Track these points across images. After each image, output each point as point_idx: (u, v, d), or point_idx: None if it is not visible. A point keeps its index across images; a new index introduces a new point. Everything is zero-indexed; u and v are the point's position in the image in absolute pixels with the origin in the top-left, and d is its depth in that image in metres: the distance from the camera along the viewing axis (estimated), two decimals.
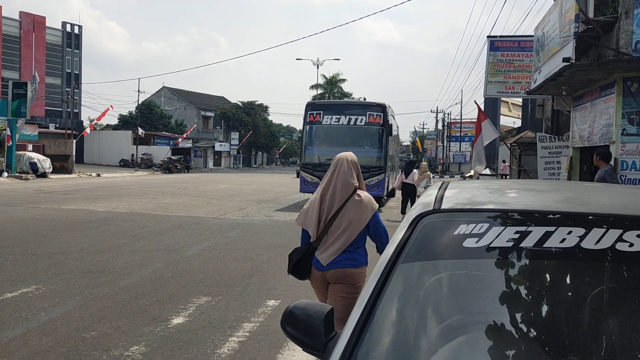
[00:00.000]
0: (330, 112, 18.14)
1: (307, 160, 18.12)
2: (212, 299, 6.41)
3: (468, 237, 1.92)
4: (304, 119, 18.52)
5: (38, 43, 55.21)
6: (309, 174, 17.82)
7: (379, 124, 17.75)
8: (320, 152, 18.13)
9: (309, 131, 18.38)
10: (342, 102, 20.14)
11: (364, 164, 15.37)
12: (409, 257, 1.94)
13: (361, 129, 18.00)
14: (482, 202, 2.18)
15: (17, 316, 5.60)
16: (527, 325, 1.75)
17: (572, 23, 9.38)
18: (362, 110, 18.06)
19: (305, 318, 1.92)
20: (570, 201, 2.15)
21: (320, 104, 18.57)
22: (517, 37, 17.00)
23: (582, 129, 11.52)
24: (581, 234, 1.83)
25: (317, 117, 18.09)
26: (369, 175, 16.78)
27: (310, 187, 17.34)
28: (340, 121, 17.88)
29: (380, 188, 17.46)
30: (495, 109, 38.14)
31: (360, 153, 15.75)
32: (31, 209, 15.08)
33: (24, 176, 30.13)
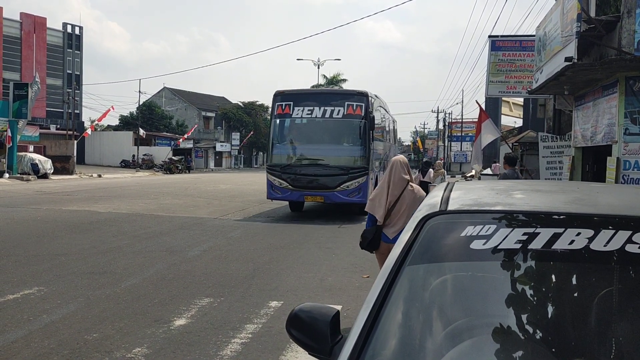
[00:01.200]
0: (302, 102, 15.30)
1: (275, 161, 15.40)
2: (214, 300, 6.39)
3: (475, 238, 1.90)
4: (271, 112, 15.99)
5: (39, 44, 55.22)
6: (276, 177, 15.03)
7: (359, 117, 14.91)
8: (290, 150, 15.58)
9: (277, 126, 15.63)
10: (317, 91, 16.80)
11: (342, 165, 14.61)
12: (416, 259, 1.92)
13: (339, 123, 15.22)
14: (489, 204, 2.16)
15: (19, 318, 5.58)
16: (536, 328, 1.73)
17: (574, 22, 9.35)
18: (339, 100, 15.21)
19: (311, 321, 1.89)
20: (578, 202, 2.12)
21: (291, 93, 15.57)
22: (519, 37, 16.98)
23: (585, 129, 11.49)
24: (590, 236, 1.81)
25: (286, 109, 15.28)
26: (347, 179, 14.48)
27: (279, 193, 15.02)
28: (314, 113, 15.10)
29: (361, 193, 14.52)
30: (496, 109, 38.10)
31: (338, 152, 14.96)
32: (32, 210, 15.07)
33: (25, 177, 30.12)
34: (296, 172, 14.71)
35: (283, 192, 14.82)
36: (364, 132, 14.83)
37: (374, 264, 8.72)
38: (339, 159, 14.75)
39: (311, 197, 14.69)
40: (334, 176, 14.47)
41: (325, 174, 14.51)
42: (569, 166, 12.75)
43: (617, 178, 9.31)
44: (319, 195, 14.58)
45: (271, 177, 15.17)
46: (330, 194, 14.44)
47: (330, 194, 14.45)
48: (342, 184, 14.36)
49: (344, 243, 10.79)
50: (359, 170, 14.63)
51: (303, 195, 14.63)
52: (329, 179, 14.48)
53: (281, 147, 15.57)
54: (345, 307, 6.14)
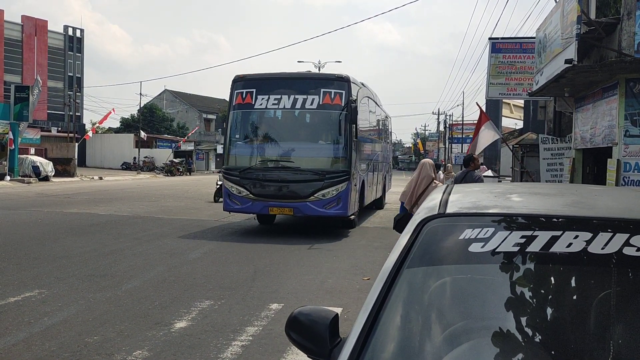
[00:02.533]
0: (268, 90, 12.39)
1: (233, 163, 12.49)
2: (215, 303, 6.39)
3: (473, 241, 1.90)
4: (229, 102, 12.84)
5: (40, 47, 55.28)
6: (234, 183, 12.13)
7: (339, 107, 12.02)
8: (251, 150, 12.66)
9: (235, 119, 12.72)
10: (285, 75, 13.19)
11: (317, 168, 11.91)
12: (414, 262, 1.93)
13: (313, 115, 12.48)
14: (487, 206, 2.16)
15: (19, 321, 5.59)
16: (535, 331, 1.74)
17: (574, 24, 9.36)
18: (314, 86, 12.27)
19: (310, 324, 1.90)
20: (576, 205, 2.13)
21: (253, 78, 12.66)
22: (519, 39, 16.98)
23: (584, 131, 11.50)
24: (588, 239, 1.81)
25: (247, 97, 12.39)
26: (323, 185, 11.70)
27: (238, 203, 12.12)
28: (282, 103, 12.25)
29: (341, 204, 11.83)
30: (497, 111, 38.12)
31: (311, 151, 12.29)
32: (34, 213, 15.09)
33: (26, 180, 30.16)
34: (259, 178, 12.04)
35: (243, 202, 12.03)
36: (345, 127, 12.01)
37: (375, 266, 8.74)
38: (313, 160, 12.12)
39: (277, 209, 12.04)
40: (306, 182, 11.76)
41: (295, 180, 11.81)
42: (569, 168, 12.75)
43: (618, 180, 9.32)
44: (287, 206, 11.92)
45: (228, 183, 12.34)
46: (302, 204, 11.78)
47: (301, 204, 11.78)
48: (317, 192, 11.68)
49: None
50: (338, 174, 11.84)
51: (267, 206, 11.91)
52: (299, 185, 11.78)
53: (240, 145, 12.78)
54: (345, 310, 6.15)
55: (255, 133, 12.79)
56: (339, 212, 11.91)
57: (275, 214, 12.85)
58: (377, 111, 17.48)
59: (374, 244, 11.20)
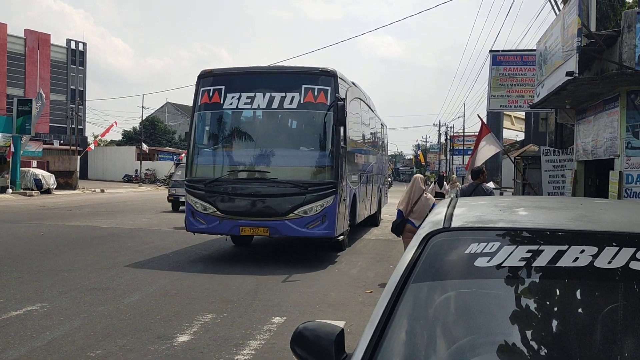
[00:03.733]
0: (239, 87, 10.52)
1: (198, 174, 10.56)
2: (217, 316, 6.37)
3: (479, 256, 1.90)
4: (194, 101, 10.88)
5: (43, 60, 55.56)
6: (199, 198, 10.26)
7: (323, 106, 10.15)
8: (219, 158, 10.76)
9: (201, 122, 10.89)
10: (260, 69, 11.18)
11: (297, 179, 9.98)
12: (420, 277, 1.92)
13: (293, 116, 10.70)
14: (493, 220, 2.16)
15: (22, 335, 5.57)
16: (541, 346, 1.73)
17: (574, 37, 9.40)
18: (293, 81, 10.42)
19: (315, 339, 1.89)
20: (582, 219, 2.13)
21: (222, 73, 10.90)
22: (520, 52, 17.04)
23: (586, 142, 11.51)
24: (594, 253, 1.81)
25: (215, 96, 10.54)
26: (305, 200, 9.80)
27: (203, 222, 10.20)
28: (256, 102, 10.36)
29: (326, 223, 9.87)
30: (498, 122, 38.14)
31: (291, 159, 10.44)
32: (35, 226, 15.09)
33: (28, 192, 30.19)
34: (227, 191, 10.13)
35: (209, 221, 10.12)
36: (331, 130, 10.09)
37: (377, 279, 8.72)
38: (293, 170, 10.23)
39: (250, 229, 9.99)
40: (284, 196, 9.88)
41: (272, 193, 9.95)
42: (571, 180, 12.74)
43: (620, 192, 9.31)
44: (261, 225, 9.88)
45: (191, 198, 10.39)
46: (279, 223, 9.79)
47: (278, 223, 9.79)
48: (297, 209, 9.76)
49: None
50: (323, 187, 9.92)
51: (237, 226, 9.96)
52: (276, 200, 9.88)
53: (206, 153, 10.88)
54: (348, 323, 6.12)
55: (224, 138, 10.88)
56: (324, 233, 9.95)
57: (248, 235, 10.67)
58: (370, 116, 15.49)
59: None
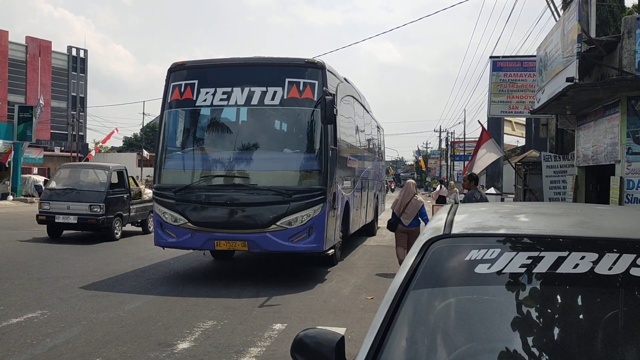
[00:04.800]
0: (214, 80, 9.31)
1: (166, 180, 9.28)
2: (218, 323, 6.35)
3: (480, 262, 1.90)
4: (163, 98, 9.59)
5: (44, 67, 55.71)
6: (168, 207, 8.93)
7: (310, 102, 8.92)
8: (191, 162, 9.58)
9: (171, 121, 9.63)
10: (237, 61, 9.71)
11: (280, 185, 8.74)
12: (420, 284, 1.92)
13: (275, 114, 9.63)
14: (493, 227, 2.16)
15: (22, 342, 5.56)
16: (542, 353, 1.72)
17: (574, 43, 9.41)
18: (276, 74, 9.21)
19: (316, 346, 1.89)
20: (582, 225, 2.13)
21: (195, 66, 9.66)
22: (520, 57, 17.06)
23: (587, 148, 11.51)
24: (594, 259, 1.81)
25: (187, 91, 9.28)
26: (289, 209, 8.52)
27: (173, 235, 8.87)
28: (233, 98, 9.10)
29: (313, 235, 8.63)
30: (499, 128, 38.19)
31: (273, 163, 9.20)
32: (36, 233, 15.08)
33: (29, 199, 30.20)
34: (200, 200, 8.84)
35: (179, 233, 8.82)
36: (319, 129, 8.86)
37: (378, 286, 8.70)
38: (275, 175, 9.01)
39: (226, 243, 8.68)
40: (265, 205, 8.62)
41: (251, 202, 8.71)
42: (572, 186, 12.74)
43: (621, 197, 9.30)
44: (239, 239, 8.61)
45: (160, 208, 9.05)
46: (259, 236, 8.51)
47: (258, 236, 8.51)
48: (280, 219, 8.51)
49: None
50: (310, 194, 8.64)
51: (212, 239, 8.66)
52: (256, 209, 8.64)
53: (177, 156, 9.68)
54: (349, 330, 6.11)
55: (197, 139, 9.71)
56: (311, 247, 8.70)
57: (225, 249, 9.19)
58: (365, 117, 14.22)
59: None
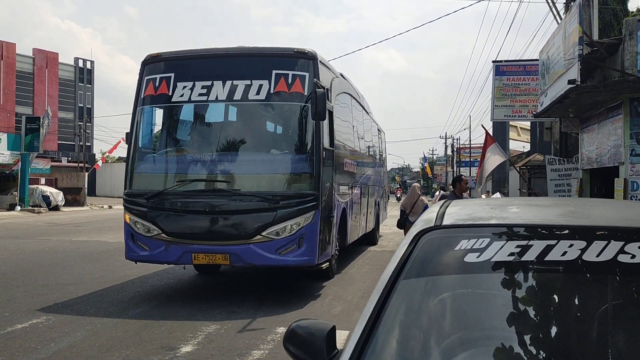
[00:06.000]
0: (192, 73, 8.31)
1: (139, 186, 8.49)
2: (221, 327, 6.37)
3: (469, 252, 1.92)
4: (136, 94, 8.63)
5: (51, 79, 56.20)
6: (140, 216, 8.10)
7: (300, 97, 7.99)
8: (166, 165, 8.72)
9: (144, 119, 8.65)
10: (218, 51, 8.64)
11: (267, 191, 7.80)
12: (410, 274, 1.94)
13: (260, 110, 8.51)
14: (484, 218, 2.18)
15: (26, 347, 5.60)
16: (531, 340, 1.74)
17: (576, 45, 9.43)
18: (261, 66, 8.22)
19: (308, 337, 1.92)
20: (571, 215, 2.15)
21: (171, 57, 8.62)
22: (523, 61, 17.09)
23: (590, 151, 11.50)
24: (582, 247, 1.82)
25: (162, 86, 8.31)
26: (275, 218, 7.54)
27: (146, 247, 8.01)
28: (214, 93, 8.12)
29: (304, 247, 7.66)
30: (504, 133, 38.11)
31: (258, 165, 8.16)
32: (43, 241, 15.17)
33: (36, 209, 30.37)
34: (176, 207, 7.92)
35: (153, 246, 7.91)
36: (311, 127, 7.89)
37: None
38: (260, 179, 8.07)
39: (205, 257, 7.69)
40: (249, 213, 7.69)
41: (233, 209, 7.77)
42: (577, 188, 12.71)
43: (625, 199, 9.28)
44: (219, 251, 7.62)
45: (131, 217, 8.21)
46: (242, 248, 7.56)
47: (241, 248, 7.56)
48: (266, 228, 7.57)
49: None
50: (300, 200, 7.68)
51: (189, 252, 7.69)
52: (239, 218, 7.72)
53: (150, 158, 8.80)
54: None
55: (172, 139, 8.75)
56: (302, 260, 7.73)
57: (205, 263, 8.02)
58: (364, 119, 13.26)
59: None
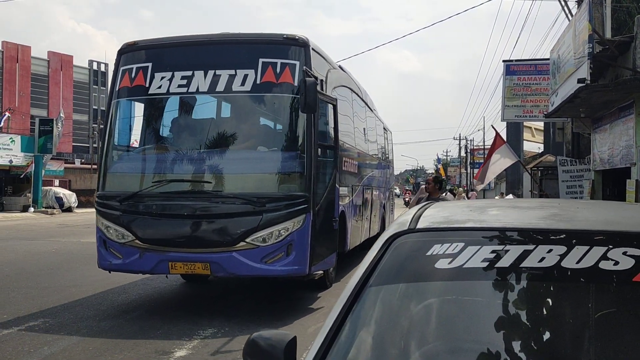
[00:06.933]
0: (172, 63, 7.54)
1: (112, 187, 7.61)
2: (218, 331, 6.27)
3: (441, 257, 1.79)
4: (111, 86, 8.07)
5: (65, 81, 56.74)
6: (112, 220, 7.26)
7: (289, 88, 7.25)
8: (142, 164, 8.06)
9: (118, 113, 7.89)
10: (200, 39, 7.73)
11: (251, 192, 6.98)
12: (378, 280, 1.82)
13: (246, 102, 7.79)
14: (460, 221, 2.05)
15: (19, 350, 5.54)
16: (501, 352, 1.60)
17: (585, 44, 9.22)
18: (247, 54, 7.47)
19: (268, 348, 1.81)
20: (553, 218, 2.00)
21: (149, 45, 7.85)
22: (533, 61, 16.81)
23: (602, 151, 11.25)
24: (562, 252, 1.68)
25: (139, 77, 7.52)
26: (260, 222, 6.72)
27: (119, 255, 7.22)
28: (194, 84, 7.33)
29: (293, 255, 6.79)
30: (518, 134, 37.70)
31: (242, 164, 7.42)
32: (50, 243, 15.22)
33: (49, 211, 30.63)
34: (151, 211, 7.16)
35: (126, 253, 7.13)
36: (303, 121, 7.09)
37: None
38: (245, 179, 7.32)
39: (183, 266, 6.93)
40: (232, 217, 6.92)
41: (214, 213, 7.01)
42: (589, 190, 12.45)
43: (637, 201, 9.06)
44: (199, 260, 6.84)
45: (103, 221, 7.35)
46: (224, 256, 6.77)
47: (223, 256, 6.78)
48: (251, 234, 6.75)
49: None
50: (289, 202, 6.86)
51: (166, 260, 6.88)
52: (221, 223, 6.97)
53: (124, 157, 8.24)
54: None
55: (148, 136, 8.07)
56: (291, 269, 6.87)
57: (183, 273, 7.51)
58: (367, 116, 12.33)
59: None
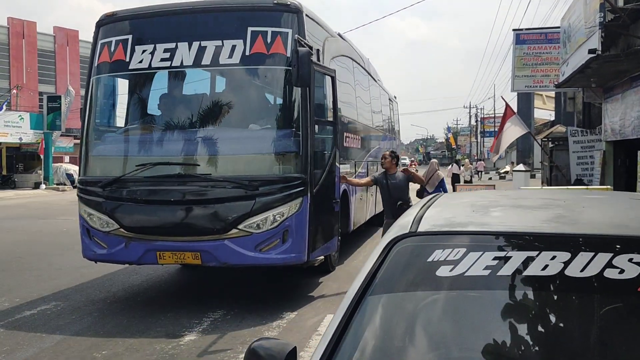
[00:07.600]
0: (153, 35, 6.94)
1: (94, 171, 7.17)
2: (227, 313, 6.31)
3: (442, 264, 1.75)
4: (90, 62, 7.26)
5: (72, 56, 56.44)
6: (95, 207, 6.75)
7: (282, 59, 6.59)
8: (125, 147, 7.45)
9: (98, 91, 7.41)
10: (182, 6, 6.97)
11: (244, 174, 6.43)
12: (378, 289, 1.78)
13: (235, 76, 7.27)
14: (462, 224, 2.00)
15: (32, 335, 5.61)
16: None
17: (597, 13, 9.02)
18: (234, 23, 6.82)
19: (268, 358, 1.79)
20: (558, 220, 1.95)
21: (129, 16, 7.14)
22: (544, 29, 16.46)
23: (614, 122, 11.08)
24: (566, 260, 1.64)
25: (118, 51, 6.93)
26: (253, 207, 6.21)
27: (103, 245, 6.73)
28: (178, 57, 6.68)
29: (289, 242, 6.32)
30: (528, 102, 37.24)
31: (233, 144, 6.82)
32: (62, 222, 15.32)
33: (61, 188, 30.84)
34: (135, 197, 6.64)
35: (111, 242, 6.66)
36: (298, 96, 6.51)
37: None
38: (236, 160, 6.79)
39: (172, 255, 6.44)
40: (223, 202, 6.39)
41: (204, 198, 6.46)
42: (600, 161, 12.31)
43: None
44: (189, 249, 6.36)
45: (85, 209, 6.88)
46: (215, 245, 6.27)
47: (214, 245, 6.27)
48: (243, 220, 6.26)
49: None
50: (284, 184, 6.35)
51: (153, 250, 6.43)
52: (211, 209, 6.41)
53: (106, 138, 7.61)
54: None
55: (131, 115, 7.55)
56: (288, 257, 6.45)
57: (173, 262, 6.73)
58: (370, 86, 11.66)
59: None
